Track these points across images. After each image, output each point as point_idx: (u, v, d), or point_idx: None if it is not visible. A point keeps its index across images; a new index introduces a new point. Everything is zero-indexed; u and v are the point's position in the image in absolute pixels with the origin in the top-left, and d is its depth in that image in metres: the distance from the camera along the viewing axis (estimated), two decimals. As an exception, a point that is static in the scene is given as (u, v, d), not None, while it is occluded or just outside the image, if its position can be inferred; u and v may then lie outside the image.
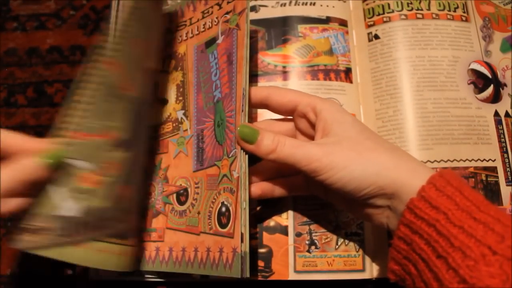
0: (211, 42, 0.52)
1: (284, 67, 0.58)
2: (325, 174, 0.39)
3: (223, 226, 0.43)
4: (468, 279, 0.30)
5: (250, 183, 0.44)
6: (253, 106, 0.48)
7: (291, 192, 0.49)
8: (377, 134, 0.44)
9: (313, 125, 0.44)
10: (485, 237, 0.31)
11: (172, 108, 0.54)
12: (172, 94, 0.55)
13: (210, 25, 0.53)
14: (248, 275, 0.40)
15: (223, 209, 0.44)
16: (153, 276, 0.53)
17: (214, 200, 0.46)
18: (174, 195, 0.50)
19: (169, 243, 0.49)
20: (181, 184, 0.50)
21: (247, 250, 0.41)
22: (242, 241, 0.41)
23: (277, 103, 0.46)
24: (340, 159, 0.39)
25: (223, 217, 0.44)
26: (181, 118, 0.53)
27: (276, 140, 0.41)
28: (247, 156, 0.44)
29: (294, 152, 0.40)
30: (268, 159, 0.42)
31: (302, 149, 0.40)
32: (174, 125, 0.53)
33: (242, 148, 0.43)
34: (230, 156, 0.45)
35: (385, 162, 0.38)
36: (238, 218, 0.42)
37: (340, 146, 0.40)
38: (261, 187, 0.47)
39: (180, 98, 0.54)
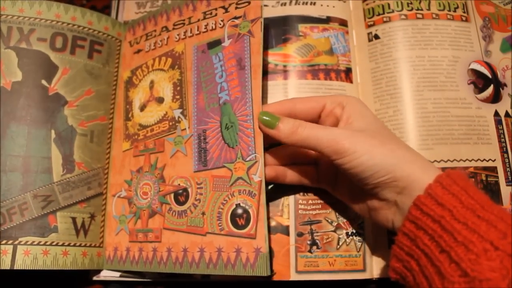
0: (214, 44, 0.52)
1: (284, 66, 0.58)
2: (347, 157, 0.40)
3: (239, 227, 0.44)
4: (470, 272, 0.31)
5: (264, 165, 0.46)
6: None
7: (301, 181, 0.50)
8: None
9: (338, 121, 0.46)
10: (487, 233, 0.32)
11: (169, 107, 0.54)
12: (168, 92, 0.55)
13: (214, 27, 0.53)
14: (271, 272, 0.43)
15: (239, 211, 0.45)
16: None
17: (225, 202, 0.46)
18: (172, 195, 0.50)
19: (167, 244, 0.49)
20: (179, 184, 0.50)
21: (269, 249, 0.43)
22: (265, 241, 0.43)
23: (305, 107, 0.47)
24: (363, 144, 0.40)
25: (240, 219, 0.45)
26: (179, 117, 0.52)
27: (297, 123, 0.43)
28: None
29: (316, 133, 0.42)
30: (289, 142, 0.43)
31: (324, 130, 0.42)
32: (170, 123, 0.53)
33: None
34: (247, 160, 0.46)
35: (404, 156, 0.39)
36: (261, 220, 0.44)
37: (363, 134, 0.41)
38: (275, 170, 0.48)
39: (178, 96, 0.53)
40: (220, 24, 0.52)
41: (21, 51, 0.54)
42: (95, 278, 0.54)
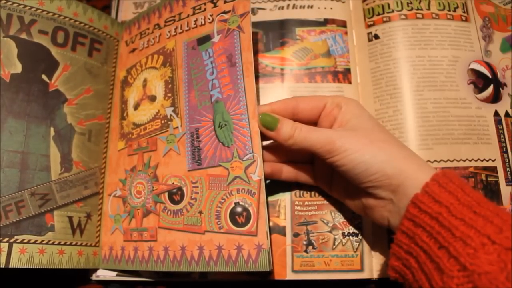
0: (204, 40, 0.52)
1: (282, 69, 0.59)
2: (337, 155, 0.41)
3: (239, 225, 0.44)
4: (468, 266, 0.31)
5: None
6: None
7: (297, 178, 0.51)
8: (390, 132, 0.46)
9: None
10: (484, 228, 0.32)
11: (161, 105, 0.54)
12: (160, 90, 0.54)
13: (203, 22, 0.53)
14: (272, 266, 0.43)
15: (239, 209, 0.45)
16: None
17: (223, 200, 0.46)
18: (166, 194, 0.50)
19: (163, 243, 0.48)
20: (173, 183, 0.50)
21: (270, 245, 0.44)
22: (267, 238, 0.43)
23: (307, 107, 0.47)
24: (353, 142, 0.41)
25: (240, 217, 0.45)
26: (171, 115, 0.52)
27: (294, 126, 0.44)
28: None
29: (310, 136, 0.43)
30: (287, 144, 0.44)
31: (317, 132, 0.43)
32: (162, 122, 0.53)
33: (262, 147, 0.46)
34: (244, 159, 0.46)
35: (395, 153, 0.40)
36: (262, 218, 0.44)
37: (354, 133, 0.42)
38: (271, 166, 0.49)
39: (169, 94, 0.53)
40: (209, 19, 0.52)
41: (21, 42, 0.53)
42: (93, 277, 0.54)
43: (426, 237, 0.35)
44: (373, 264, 0.50)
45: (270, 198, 0.53)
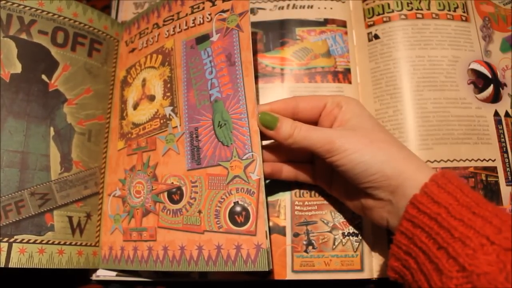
0: (203, 39, 0.52)
1: (282, 69, 0.58)
2: (337, 155, 0.41)
3: (239, 224, 0.44)
4: (467, 267, 0.31)
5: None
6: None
7: (297, 177, 0.51)
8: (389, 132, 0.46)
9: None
10: (483, 229, 0.32)
11: (160, 104, 0.54)
12: (159, 90, 0.54)
13: (201, 21, 0.53)
14: (272, 266, 0.43)
15: (238, 208, 0.45)
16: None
17: (222, 200, 0.46)
18: (165, 194, 0.50)
19: (162, 242, 0.48)
20: (172, 183, 0.50)
21: (269, 245, 0.43)
22: (266, 237, 0.43)
23: (307, 106, 0.47)
24: (352, 142, 0.41)
25: (239, 216, 0.44)
26: (170, 114, 0.52)
27: (294, 125, 0.44)
28: None
29: (310, 135, 0.43)
30: (286, 143, 0.44)
31: (317, 131, 0.43)
32: (161, 121, 0.53)
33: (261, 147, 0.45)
34: (243, 158, 0.45)
35: (395, 154, 0.40)
36: (261, 217, 0.44)
37: (354, 132, 0.42)
38: (271, 166, 0.49)
39: (168, 94, 0.53)
40: (208, 18, 0.52)
41: (21, 42, 0.53)
42: (93, 277, 0.54)
43: (425, 237, 0.35)
44: (373, 264, 0.50)
45: (270, 198, 0.53)
